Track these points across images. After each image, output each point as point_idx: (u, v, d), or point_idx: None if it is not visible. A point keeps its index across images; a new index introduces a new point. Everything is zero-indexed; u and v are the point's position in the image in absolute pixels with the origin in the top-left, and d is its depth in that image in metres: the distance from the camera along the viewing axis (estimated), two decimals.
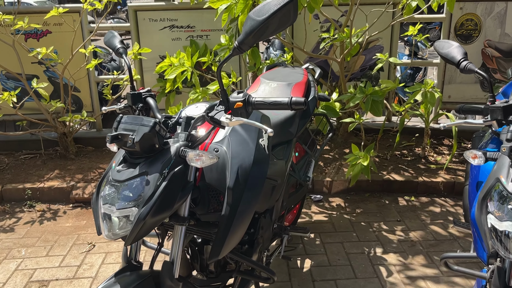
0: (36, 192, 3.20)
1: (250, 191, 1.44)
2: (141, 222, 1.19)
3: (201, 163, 1.24)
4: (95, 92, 3.91)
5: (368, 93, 2.87)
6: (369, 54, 3.89)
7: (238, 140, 1.50)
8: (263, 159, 1.53)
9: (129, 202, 1.22)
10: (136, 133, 1.23)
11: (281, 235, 2.09)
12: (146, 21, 3.77)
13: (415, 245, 2.61)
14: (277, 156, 1.91)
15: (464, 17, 3.68)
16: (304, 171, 2.27)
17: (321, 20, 3.83)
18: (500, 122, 1.38)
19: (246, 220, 1.45)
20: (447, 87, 3.86)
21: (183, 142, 1.29)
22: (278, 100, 1.28)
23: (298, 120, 2.09)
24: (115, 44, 1.62)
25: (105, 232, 1.27)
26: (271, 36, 1.23)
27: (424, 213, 2.97)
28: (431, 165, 3.40)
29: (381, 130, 3.50)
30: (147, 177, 1.22)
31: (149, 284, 1.32)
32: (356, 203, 3.11)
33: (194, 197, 1.43)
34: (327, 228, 2.81)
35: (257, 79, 2.29)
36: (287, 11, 1.16)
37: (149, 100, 1.54)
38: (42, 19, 3.58)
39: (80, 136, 3.89)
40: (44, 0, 14.77)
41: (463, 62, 1.49)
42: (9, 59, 3.56)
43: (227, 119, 1.27)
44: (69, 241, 2.73)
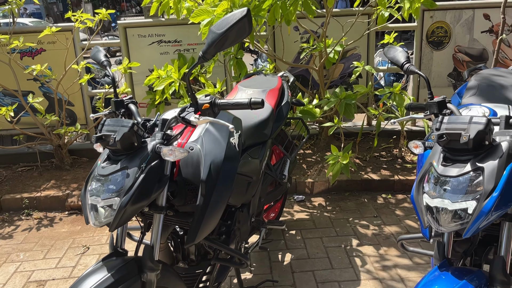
0: (33, 201, 3.37)
1: (222, 184, 1.63)
2: (123, 210, 1.37)
3: (174, 157, 1.42)
4: (88, 106, 4.11)
5: (342, 97, 3.07)
6: (348, 62, 4.11)
7: (211, 139, 1.69)
8: (234, 155, 1.72)
9: (112, 193, 1.40)
10: (117, 133, 1.42)
11: (259, 228, 2.27)
12: (135, 37, 3.99)
13: (389, 238, 2.78)
14: (252, 155, 2.09)
15: (435, 25, 3.91)
16: (280, 170, 2.46)
17: (301, 32, 4.06)
18: (436, 115, 1.58)
19: (219, 209, 1.63)
20: (422, 91, 4.08)
21: (159, 140, 1.48)
22: (240, 101, 1.47)
23: (272, 123, 2.28)
24: (100, 58, 1.81)
25: (92, 221, 1.44)
26: (231, 46, 1.43)
27: (399, 209, 3.15)
28: (407, 164, 3.60)
29: (360, 133, 3.70)
30: (127, 171, 1.40)
31: (132, 266, 1.50)
32: (336, 202, 3.29)
33: (172, 190, 1.61)
34: (308, 225, 2.99)
35: (235, 87, 2.49)
36: (242, 25, 1.36)
37: (130, 106, 1.73)
38: (37, 38, 3.79)
39: (75, 148, 4.08)
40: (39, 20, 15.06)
41: (406, 64, 1.69)
42: (5, 76, 3.76)
43: (195, 119, 1.47)
44: (65, 244, 2.90)
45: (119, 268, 1.45)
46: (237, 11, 1.36)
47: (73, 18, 3.56)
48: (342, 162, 2.93)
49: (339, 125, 3.37)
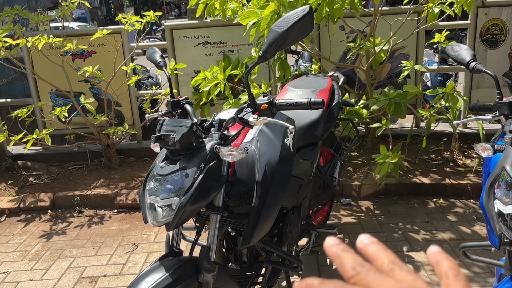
0: (84, 199, 3.48)
1: (277, 185, 1.60)
2: (182, 210, 1.37)
3: (232, 158, 1.41)
4: (135, 106, 4.20)
5: (391, 97, 2.98)
6: (395, 62, 3.99)
7: (265, 140, 1.67)
8: (288, 157, 1.69)
9: (171, 193, 1.40)
10: (176, 133, 1.42)
11: (309, 231, 2.23)
12: (181, 38, 4.04)
13: (442, 244, 2.68)
14: (303, 157, 2.06)
15: (489, 22, 3.73)
16: (330, 173, 2.41)
17: (347, 31, 3.98)
18: (507, 116, 1.49)
19: (274, 211, 1.61)
20: (475, 92, 3.90)
21: (216, 140, 1.47)
22: (299, 101, 1.44)
23: (322, 124, 2.23)
24: (156, 59, 1.83)
25: (150, 220, 1.45)
26: (291, 45, 1.40)
27: (452, 214, 3.02)
28: (460, 168, 3.45)
29: (409, 134, 3.59)
30: (186, 171, 1.41)
31: (189, 267, 1.50)
32: (385, 206, 3.20)
33: (228, 191, 1.60)
34: (355, 229, 2.92)
35: (284, 87, 2.46)
36: (304, 23, 1.33)
37: (186, 107, 1.74)
38: (88, 40, 3.91)
39: (122, 147, 4.17)
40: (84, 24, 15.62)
41: (472, 63, 1.60)
42: (58, 78, 3.90)
43: (254, 119, 1.45)
44: (114, 242, 2.96)
45: (176, 268, 1.46)
46: (298, 9, 1.33)
47: (123, 20, 3.65)
48: (391, 161, 2.84)
49: (387, 126, 3.28)
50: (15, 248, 2.97)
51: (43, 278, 2.60)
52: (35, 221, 3.33)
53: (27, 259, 2.83)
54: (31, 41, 3.39)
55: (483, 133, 3.27)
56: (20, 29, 3.58)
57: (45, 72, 3.95)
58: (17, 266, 2.75)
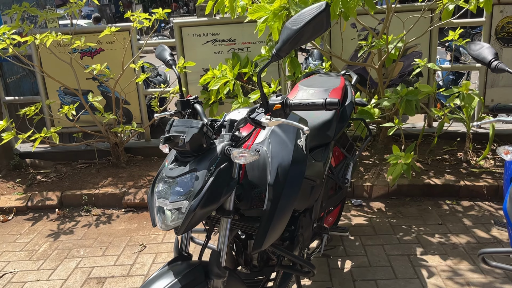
0: (92, 198, 3.45)
1: (290, 188, 1.55)
2: (192, 214, 1.32)
3: (244, 160, 1.36)
4: (144, 105, 4.16)
5: (403, 94, 2.91)
6: (408, 60, 3.92)
7: (277, 141, 1.62)
8: (301, 158, 1.64)
9: (180, 196, 1.36)
10: (186, 134, 1.37)
11: (321, 234, 2.18)
12: (190, 36, 3.99)
13: (457, 248, 2.61)
14: (315, 158, 2.00)
15: (505, 20, 3.64)
16: (342, 174, 2.35)
17: (358, 29, 3.91)
18: None
19: (286, 215, 1.56)
20: (489, 91, 3.82)
21: (227, 142, 1.42)
22: (314, 101, 1.39)
23: (335, 124, 2.17)
24: (165, 57, 1.79)
25: (159, 224, 1.41)
26: (306, 43, 1.35)
27: (466, 216, 2.95)
28: (474, 169, 3.37)
29: (421, 134, 3.52)
30: (196, 173, 1.36)
31: (199, 272, 1.45)
32: (397, 207, 3.13)
33: (238, 193, 1.55)
34: (367, 231, 2.86)
35: (296, 86, 2.40)
36: (320, 20, 1.27)
37: (196, 106, 1.69)
38: (96, 38, 3.88)
39: (130, 146, 4.14)
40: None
41: (494, 61, 1.54)
42: (66, 76, 3.87)
43: (266, 120, 1.40)
44: (122, 242, 2.93)
45: (186, 274, 1.41)
46: (314, 6, 1.27)
47: (131, 17, 3.61)
48: (404, 162, 2.77)
49: (400, 126, 3.21)
50: (22, 247, 2.95)
51: (50, 279, 2.58)
52: (42, 220, 3.30)
53: (34, 258, 2.80)
54: (39, 38, 3.36)
55: (493, 133, 3.19)
56: (29, 26, 3.55)
57: (53, 69, 3.92)
58: (24, 266, 2.73)
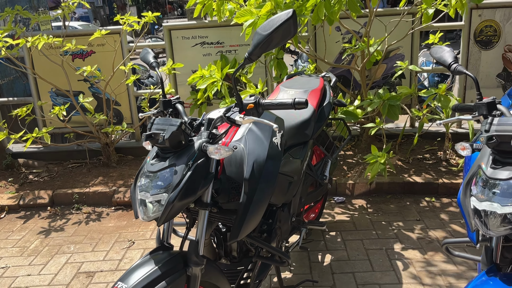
0: (83, 196, 3.54)
1: (264, 182, 1.66)
2: (171, 205, 1.42)
3: (219, 155, 1.46)
4: (134, 105, 4.26)
5: (385, 99, 3.03)
6: (391, 62, 4.04)
7: (254, 139, 1.72)
8: (276, 155, 1.75)
9: (161, 189, 1.46)
10: (166, 131, 1.48)
11: (299, 228, 2.28)
12: (179, 39, 4.09)
13: (433, 242, 2.72)
14: (293, 155, 2.11)
15: (483, 24, 3.77)
16: (321, 171, 2.46)
17: (343, 32, 4.03)
18: (486, 117, 1.53)
19: (261, 207, 1.66)
20: (469, 92, 3.95)
21: (205, 139, 1.53)
22: (283, 101, 1.50)
23: (313, 123, 2.28)
24: (149, 59, 1.89)
25: (141, 215, 1.51)
26: (276, 47, 1.46)
27: (443, 213, 3.07)
28: (453, 167, 3.49)
29: (401, 134, 3.64)
30: (175, 168, 1.46)
31: (178, 260, 1.55)
32: (378, 204, 3.25)
33: (217, 187, 1.65)
34: (348, 227, 2.97)
35: (277, 88, 2.51)
36: (288, 26, 1.38)
37: (177, 106, 1.80)
38: (87, 40, 3.97)
39: (121, 146, 4.23)
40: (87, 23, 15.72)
41: (453, 64, 1.65)
42: (58, 77, 3.96)
43: (240, 118, 1.51)
44: (111, 238, 3.02)
45: (165, 262, 1.51)
46: (282, 13, 1.38)
47: (121, 21, 3.71)
48: (380, 162, 2.89)
49: (381, 126, 3.33)
50: (14, 244, 3.04)
51: (40, 273, 2.67)
52: (34, 218, 3.39)
53: (26, 254, 2.89)
54: (31, 41, 3.45)
55: (473, 132, 3.31)
56: (21, 29, 3.64)
57: (45, 71, 4.01)
58: (16, 262, 2.81)
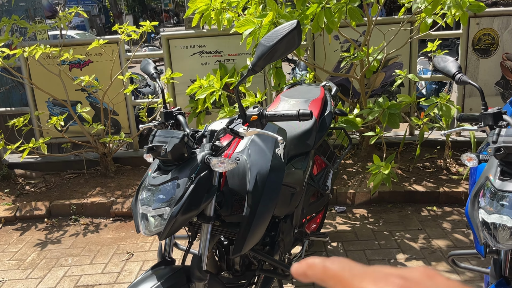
0: (80, 208, 3.49)
1: (268, 194, 1.63)
2: (173, 219, 1.39)
3: (223, 168, 1.44)
4: (132, 115, 4.23)
5: (385, 107, 3.02)
6: (389, 71, 4.04)
7: (256, 150, 1.70)
8: (279, 166, 1.72)
9: (163, 203, 1.43)
10: (168, 144, 1.45)
11: (302, 240, 2.26)
12: (178, 48, 4.08)
13: (435, 252, 2.70)
14: (295, 166, 2.09)
15: (481, 32, 3.79)
16: (323, 181, 2.44)
17: (341, 41, 4.03)
18: (492, 127, 1.52)
19: (265, 220, 1.64)
20: (468, 100, 3.95)
21: (208, 151, 1.50)
22: (288, 113, 1.48)
23: (315, 133, 2.27)
24: (149, 70, 1.87)
25: (143, 229, 1.48)
26: (280, 58, 1.44)
27: (445, 222, 3.05)
28: (453, 176, 3.48)
29: (402, 142, 3.63)
30: (177, 181, 1.43)
31: (181, 276, 1.52)
32: (379, 214, 3.23)
33: (219, 200, 1.63)
34: (349, 237, 2.94)
35: (277, 97, 2.49)
36: (292, 37, 1.36)
37: (179, 117, 1.77)
38: (85, 50, 3.95)
39: (119, 156, 4.20)
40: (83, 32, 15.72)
41: (457, 74, 1.64)
42: (55, 87, 3.93)
43: (244, 130, 1.48)
44: (110, 250, 2.98)
45: (168, 277, 1.48)
46: (286, 24, 1.37)
47: (119, 30, 3.69)
48: (383, 172, 2.87)
49: (381, 135, 3.32)
50: (10, 256, 2.99)
51: (38, 287, 2.62)
52: (31, 230, 3.34)
53: (23, 267, 2.84)
54: (28, 51, 3.42)
55: (475, 141, 3.31)
56: (18, 39, 3.61)
57: (42, 81, 3.98)
58: (13, 275, 2.76)
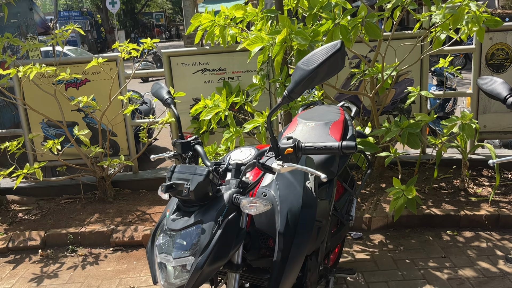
0: (78, 237, 3.26)
1: (301, 235, 1.44)
2: (199, 271, 1.20)
3: (255, 210, 1.25)
4: (131, 136, 4.03)
5: (404, 127, 2.85)
6: (400, 87, 3.90)
7: (285, 184, 1.51)
8: (311, 202, 1.54)
9: (185, 251, 1.24)
10: (190, 182, 1.26)
11: (327, 276, 2.06)
12: (179, 65, 3.91)
13: (464, 283, 2.51)
14: (320, 196, 1.90)
15: (495, 47, 3.66)
16: (346, 210, 2.25)
17: (350, 57, 3.89)
18: None
19: (298, 264, 1.45)
20: (481, 117, 3.80)
21: (235, 189, 1.32)
22: (329, 145, 1.29)
23: (338, 160, 2.09)
24: (163, 95, 1.69)
25: (161, 281, 1.28)
26: (320, 83, 1.27)
27: (469, 248, 2.87)
28: (472, 197, 3.31)
29: (418, 164, 3.46)
30: (202, 226, 1.24)
31: None
32: (398, 240, 3.04)
33: (245, 242, 1.43)
34: (369, 266, 2.74)
35: (294, 119, 2.32)
36: (335, 60, 1.19)
37: (197, 148, 1.58)
38: (81, 68, 3.76)
39: (117, 179, 3.98)
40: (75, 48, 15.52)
41: (510, 98, 1.48)
42: (50, 107, 3.73)
43: (279, 166, 1.29)
44: (111, 285, 2.75)
45: None
46: (328, 45, 1.20)
47: (119, 48, 3.51)
48: (407, 196, 2.69)
49: (396, 155, 3.15)
50: None
51: None
52: (24, 263, 3.10)
53: None
54: (22, 70, 3.22)
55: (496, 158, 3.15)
56: (11, 58, 3.41)
57: (36, 101, 3.78)
58: None
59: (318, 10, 2.94)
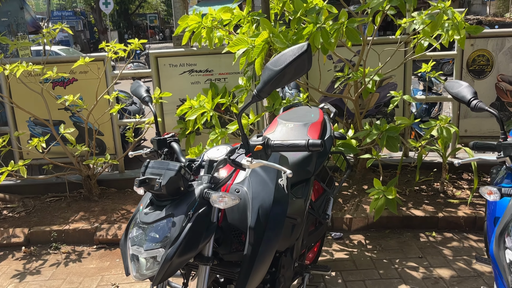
0: (62, 234, 3.28)
1: (271, 231, 1.49)
2: (168, 263, 1.24)
3: (224, 204, 1.30)
4: (118, 136, 4.05)
5: (384, 130, 2.92)
6: (383, 91, 3.97)
7: (258, 181, 1.56)
8: (283, 198, 1.59)
9: (156, 243, 1.28)
10: (162, 177, 1.31)
11: (302, 273, 2.11)
12: (167, 66, 3.95)
13: (439, 282, 2.57)
14: (296, 194, 1.95)
15: (476, 53, 3.75)
16: (323, 209, 2.30)
17: (335, 60, 3.95)
18: None
19: (268, 259, 1.49)
20: (463, 122, 3.88)
21: (206, 184, 1.36)
22: (296, 143, 1.35)
23: (315, 159, 2.14)
24: (141, 93, 1.73)
25: (133, 272, 1.32)
26: (288, 83, 1.32)
27: (446, 249, 2.93)
28: (451, 200, 3.39)
29: (399, 166, 3.53)
30: (173, 219, 1.28)
31: None
32: (377, 240, 3.10)
33: (217, 237, 1.48)
34: (348, 265, 2.80)
35: (274, 120, 2.37)
36: (302, 61, 1.25)
37: (173, 145, 1.63)
38: (69, 67, 3.79)
39: (103, 178, 4.00)
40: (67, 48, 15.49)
41: (473, 101, 1.54)
42: (36, 106, 3.75)
43: (248, 162, 1.34)
44: (93, 282, 2.77)
45: None
46: (295, 46, 1.25)
47: (106, 48, 3.55)
48: (387, 196, 2.75)
49: (378, 158, 3.22)
50: None
51: None
52: (7, 259, 3.11)
53: None
54: (9, 68, 3.25)
55: (475, 165, 3.23)
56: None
57: (23, 99, 3.80)
58: None
59: (302, 14, 3.00)
